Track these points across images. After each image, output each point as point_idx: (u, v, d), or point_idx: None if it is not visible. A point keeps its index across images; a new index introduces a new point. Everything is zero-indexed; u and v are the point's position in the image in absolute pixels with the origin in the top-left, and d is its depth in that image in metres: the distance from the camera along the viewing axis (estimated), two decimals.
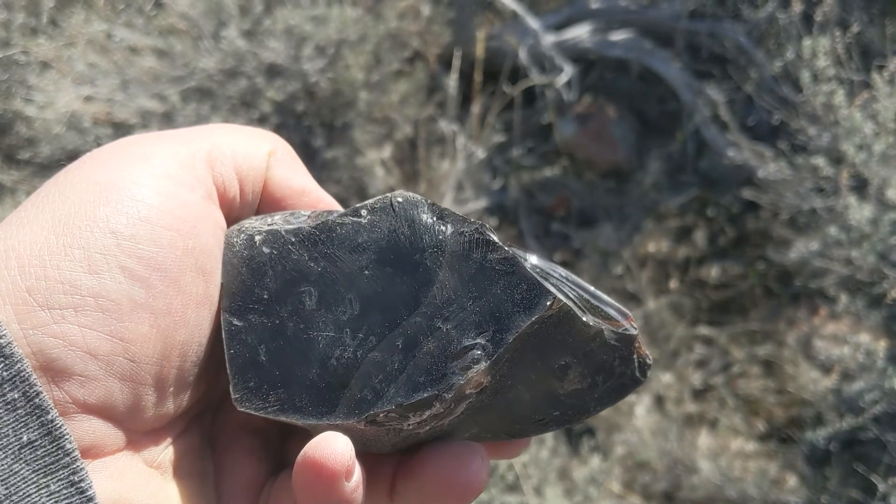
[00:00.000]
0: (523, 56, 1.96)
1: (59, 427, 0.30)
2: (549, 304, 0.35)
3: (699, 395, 1.69)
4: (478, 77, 1.91)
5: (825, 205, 1.59)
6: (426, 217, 0.37)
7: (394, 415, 0.35)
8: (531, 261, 0.38)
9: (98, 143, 1.53)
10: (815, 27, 1.58)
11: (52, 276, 0.32)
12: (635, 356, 0.40)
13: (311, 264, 0.37)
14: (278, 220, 0.39)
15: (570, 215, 1.95)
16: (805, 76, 1.57)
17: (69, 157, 1.60)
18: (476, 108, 1.89)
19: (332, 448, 0.33)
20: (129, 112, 1.63)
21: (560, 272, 0.39)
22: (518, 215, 1.93)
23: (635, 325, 0.39)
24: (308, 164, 0.43)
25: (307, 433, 0.37)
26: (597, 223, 1.92)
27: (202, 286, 0.36)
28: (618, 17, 2.04)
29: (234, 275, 0.37)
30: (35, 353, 0.31)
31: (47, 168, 1.65)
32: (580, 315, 0.36)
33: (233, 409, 0.37)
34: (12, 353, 0.30)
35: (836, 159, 1.58)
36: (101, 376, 0.32)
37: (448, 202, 1.76)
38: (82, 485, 0.30)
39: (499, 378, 0.36)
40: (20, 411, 0.30)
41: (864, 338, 1.59)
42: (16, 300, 0.31)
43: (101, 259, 0.33)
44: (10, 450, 0.30)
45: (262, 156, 0.40)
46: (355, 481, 0.34)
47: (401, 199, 0.37)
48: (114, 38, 1.69)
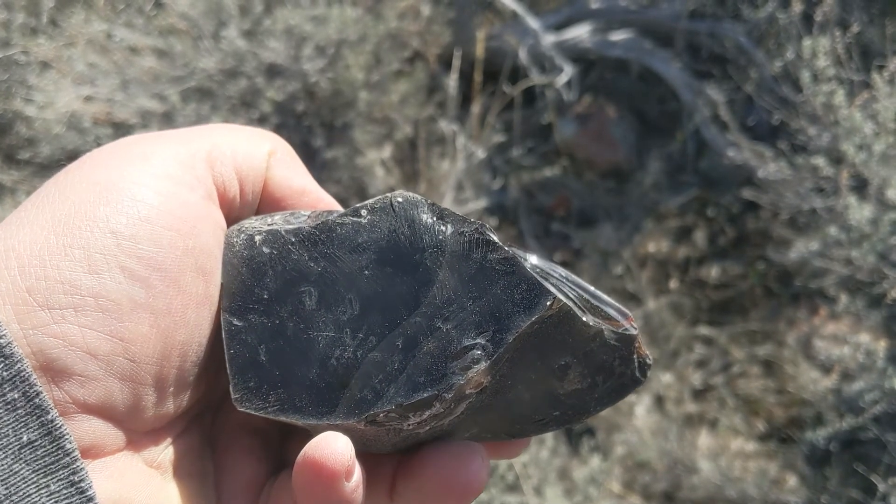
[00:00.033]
0: (523, 56, 1.95)
1: (59, 427, 0.30)
2: (549, 304, 0.35)
3: (699, 395, 1.69)
4: (478, 77, 1.91)
5: (825, 205, 1.59)
6: (426, 217, 0.36)
7: (394, 415, 0.35)
8: (531, 261, 0.38)
9: (98, 143, 1.53)
10: (815, 27, 1.58)
11: (52, 276, 0.32)
12: (635, 356, 0.40)
13: (311, 264, 0.37)
14: (278, 220, 0.38)
15: (570, 215, 1.95)
16: (805, 76, 1.57)
17: (69, 157, 1.60)
18: (476, 108, 1.89)
19: (333, 448, 0.33)
20: (129, 112, 1.63)
21: (560, 272, 0.39)
22: (518, 215, 1.93)
23: (635, 325, 0.39)
24: (308, 164, 0.43)
25: (307, 433, 0.37)
26: (597, 223, 1.92)
27: (202, 286, 0.36)
28: (618, 17, 2.04)
29: (234, 275, 0.37)
30: (35, 353, 0.31)
31: (47, 168, 1.65)
32: (580, 315, 0.36)
33: (233, 409, 0.37)
34: (12, 353, 0.30)
35: (836, 159, 1.58)
36: (101, 376, 0.32)
37: (448, 202, 1.76)
38: (82, 485, 0.30)
39: (499, 378, 0.36)
40: (20, 411, 0.30)
41: (864, 338, 1.59)
42: (16, 300, 0.31)
43: (101, 259, 0.33)
44: (10, 450, 0.30)
45: (262, 156, 0.41)
46: (355, 481, 0.34)
47: (401, 199, 0.37)
48: (114, 38, 1.69)
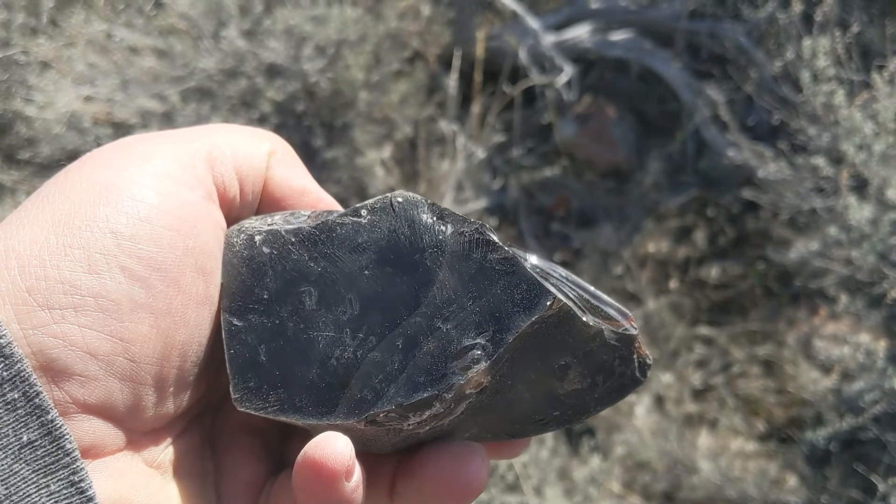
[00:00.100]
0: (523, 56, 1.95)
1: (59, 427, 0.30)
2: (548, 304, 0.35)
3: (699, 395, 1.69)
4: (478, 77, 1.91)
5: (825, 205, 1.59)
6: (426, 217, 0.36)
7: (394, 415, 0.35)
8: (531, 261, 0.38)
9: (98, 143, 1.53)
10: (815, 27, 1.58)
11: (52, 276, 0.32)
12: (635, 356, 0.40)
13: (311, 264, 0.37)
14: (278, 220, 0.38)
15: (570, 215, 1.95)
16: (805, 76, 1.57)
17: (69, 157, 1.60)
18: (476, 108, 1.89)
19: (332, 448, 0.33)
20: (129, 112, 1.63)
21: (560, 272, 0.39)
22: (518, 215, 1.93)
23: (635, 325, 0.39)
24: (308, 164, 0.43)
25: (307, 433, 0.37)
26: (597, 223, 1.92)
27: (202, 286, 0.36)
28: (618, 17, 2.04)
29: (234, 275, 0.37)
30: (35, 353, 0.31)
31: (47, 168, 1.65)
32: (580, 315, 0.36)
33: (233, 409, 0.37)
34: (12, 353, 0.30)
35: (836, 159, 1.58)
36: (101, 376, 0.32)
37: (448, 202, 1.76)
38: (82, 485, 0.30)
39: (499, 378, 0.36)
40: (20, 411, 0.30)
41: (864, 338, 1.59)
42: (16, 300, 0.31)
43: (101, 259, 0.33)
44: (10, 450, 0.30)
45: (262, 156, 0.40)
46: (355, 481, 0.34)
47: (401, 199, 0.37)
48: (114, 38, 1.69)
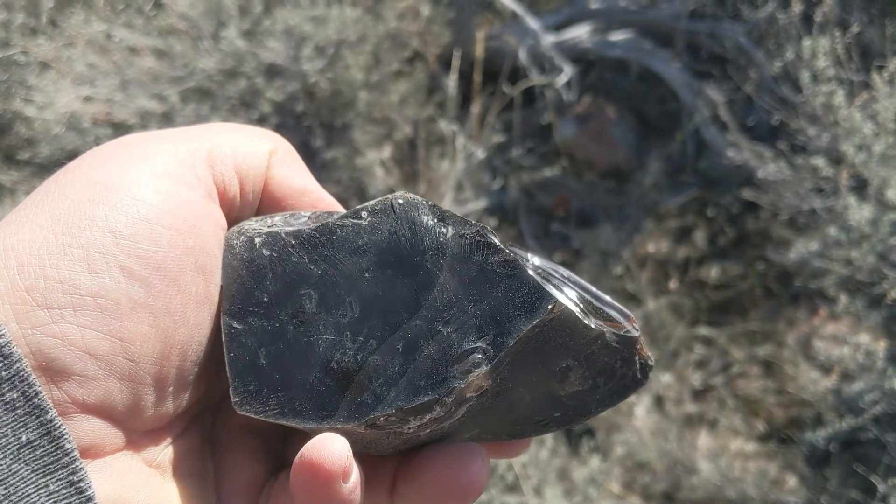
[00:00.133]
0: (523, 56, 1.95)
1: (59, 427, 0.30)
2: (550, 307, 0.35)
3: (699, 395, 1.69)
4: (477, 77, 1.91)
5: (825, 205, 1.59)
6: (427, 219, 0.36)
7: (394, 419, 0.34)
8: (533, 262, 0.38)
9: (97, 144, 1.53)
10: (815, 27, 1.58)
11: (52, 275, 0.32)
12: (637, 358, 0.40)
13: (312, 267, 0.37)
14: (278, 222, 0.38)
15: (570, 215, 1.95)
16: (805, 76, 1.57)
17: (69, 157, 1.59)
18: (476, 109, 1.89)
19: (329, 449, 0.33)
20: (129, 112, 1.63)
21: (562, 273, 0.39)
22: (518, 215, 1.92)
23: (637, 327, 0.39)
24: (308, 164, 0.43)
25: (307, 434, 0.36)
26: (597, 223, 1.92)
27: (202, 285, 0.36)
28: (618, 17, 2.04)
29: (234, 277, 0.37)
30: (34, 352, 0.31)
31: (47, 168, 1.65)
32: (582, 318, 0.36)
33: (233, 409, 0.37)
34: (11, 353, 0.30)
35: (836, 160, 1.58)
36: (100, 376, 0.32)
37: (448, 203, 1.76)
38: (81, 485, 0.30)
39: (499, 381, 0.36)
40: (19, 411, 0.30)
41: (864, 338, 1.59)
42: (15, 299, 0.31)
43: (100, 258, 0.33)
44: (9, 450, 0.30)
45: (262, 155, 0.40)
46: (353, 482, 0.34)
47: (401, 201, 0.36)
48: (113, 39, 1.69)
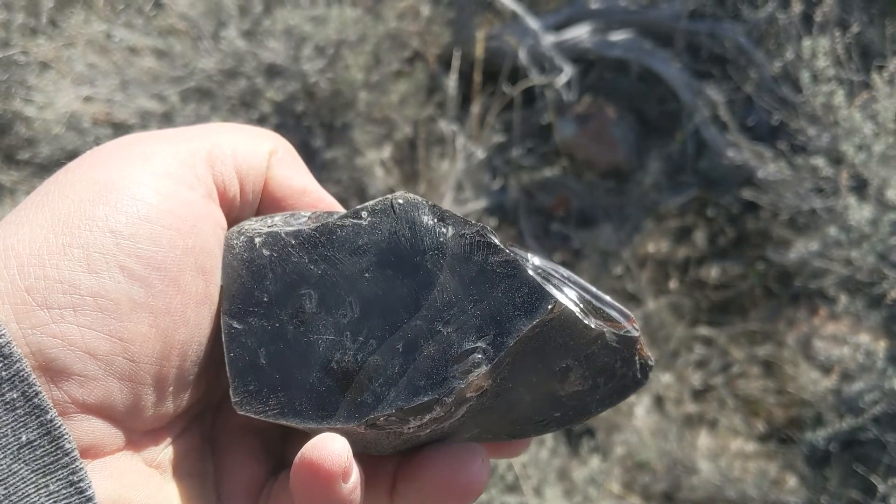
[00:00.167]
0: (523, 56, 1.95)
1: (59, 427, 0.30)
2: (550, 307, 0.35)
3: (699, 395, 1.69)
4: (477, 77, 1.91)
5: (825, 205, 1.59)
6: (427, 219, 0.36)
7: (394, 419, 0.34)
8: (533, 262, 0.38)
9: (97, 144, 1.53)
10: (815, 27, 1.58)
11: (52, 275, 0.32)
12: (637, 358, 0.40)
13: (312, 267, 0.37)
14: (278, 222, 0.38)
15: (570, 215, 1.95)
16: (805, 76, 1.57)
17: (69, 157, 1.59)
18: (476, 109, 1.89)
19: (329, 449, 0.33)
20: (129, 112, 1.63)
21: (562, 272, 0.39)
22: (518, 215, 1.92)
23: (637, 327, 0.39)
24: (308, 164, 0.43)
25: (307, 434, 0.36)
26: (597, 223, 1.92)
27: (202, 285, 0.36)
28: (618, 17, 2.04)
29: (234, 277, 0.37)
30: (34, 352, 0.31)
31: (47, 168, 1.65)
32: (582, 318, 0.36)
33: (233, 409, 0.37)
34: (11, 353, 0.30)
35: (836, 160, 1.58)
36: (100, 376, 0.32)
37: (448, 203, 1.76)
38: (81, 485, 0.30)
39: (499, 381, 0.36)
40: (19, 411, 0.30)
41: (864, 338, 1.59)
42: (15, 299, 0.31)
43: (100, 258, 0.33)
44: (9, 450, 0.30)
45: (262, 155, 0.40)
46: (353, 482, 0.34)
47: (401, 201, 0.36)
48: (113, 39, 1.69)
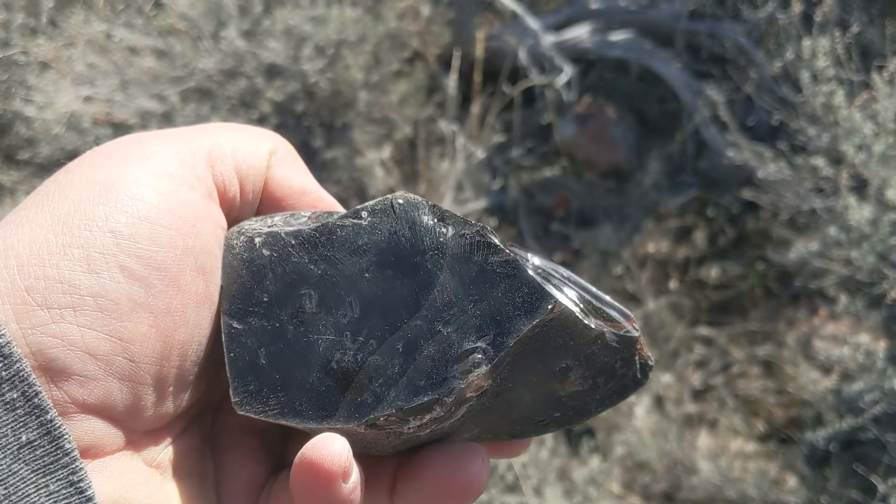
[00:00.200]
0: (523, 56, 1.95)
1: (59, 427, 0.30)
2: (550, 307, 0.35)
3: (699, 395, 1.69)
4: (477, 77, 1.91)
5: (825, 205, 1.59)
6: (427, 219, 0.36)
7: (394, 418, 0.34)
8: (533, 262, 0.38)
9: (97, 144, 1.53)
10: (815, 27, 1.58)
11: (52, 275, 0.32)
12: (637, 358, 0.40)
13: (312, 267, 0.37)
14: (278, 222, 0.38)
15: (570, 215, 1.95)
16: (805, 76, 1.57)
17: (69, 157, 1.59)
18: (476, 109, 1.89)
19: (329, 449, 0.33)
20: (129, 112, 1.63)
21: (562, 272, 0.39)
22: (518, 215, 1.92)
23: (637, 327, 0.39)
24: (308, 164, 0.43)
25: (307, 434, 0.36)
26: (597, 223, 1.92)
27: (202, 285, 0.36)
28: (618, 17, 2.04)
29: (234, 277, 0.37)
30: (34, 352, 0.31)
31: (47, 168, 1.65)
32: (582, 318, 0.36)
33: (233, 409, 0.37)
34: (11, 353, 0.30)
35: (836, 160, 1.58)
36: (100, 376, 0.32)
37: (448, 202, 1.76)
38: (81, 485, 0.30)
39: (499, 381, 0.36)
40: (19, 411, 0.30)
41: (864, 338, 1.59)
42: (15, 299, 0.31)
43: (100, 258, 0.33)
44: (9, 450, 0.30)
45: (262, 155, 0.40)
46: (353, 482, 0.34)
47: (401, 201, 0.36)
48: (113, 39, 1.69)
